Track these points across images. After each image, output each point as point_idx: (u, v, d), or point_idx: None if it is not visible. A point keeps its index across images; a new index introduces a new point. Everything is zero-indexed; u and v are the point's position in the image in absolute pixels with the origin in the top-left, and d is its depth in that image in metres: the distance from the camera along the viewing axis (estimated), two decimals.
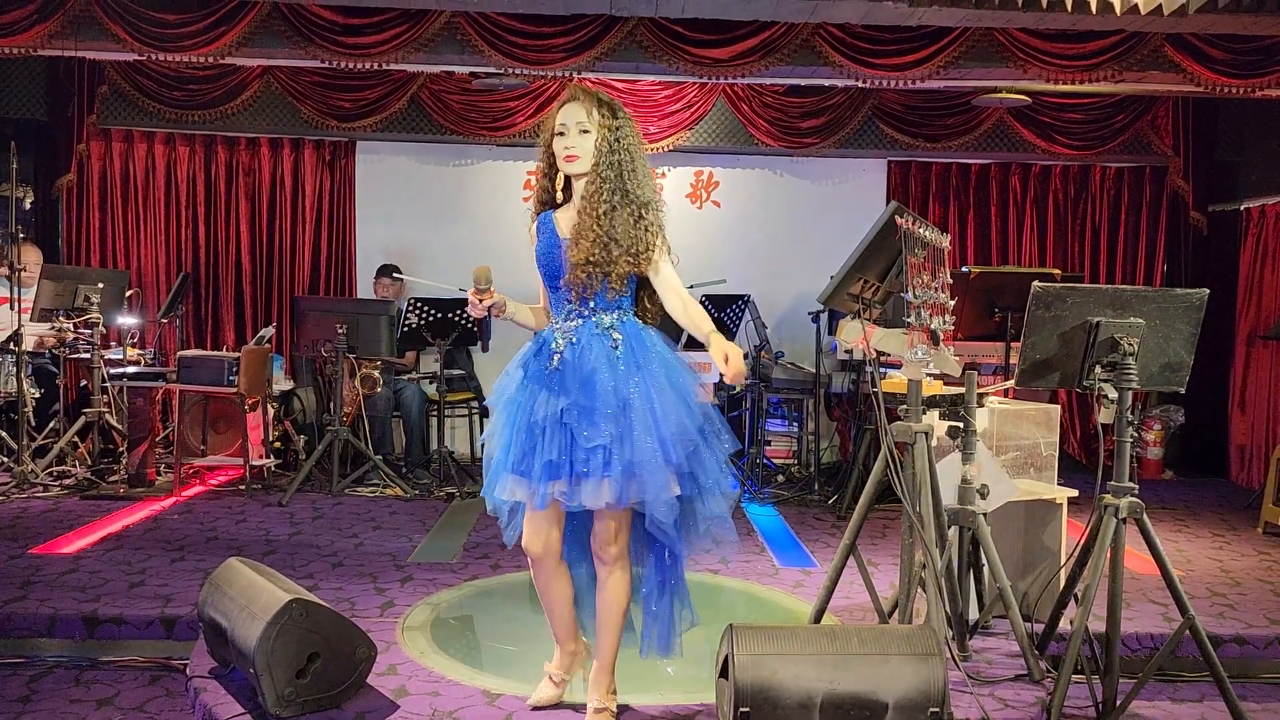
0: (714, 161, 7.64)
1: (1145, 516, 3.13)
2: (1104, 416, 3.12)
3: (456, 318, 6.20)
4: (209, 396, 6.01)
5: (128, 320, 6.58)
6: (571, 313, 2.86)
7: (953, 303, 3.36)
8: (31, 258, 6.35)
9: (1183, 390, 3.28)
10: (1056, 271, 7.05)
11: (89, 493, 5.73)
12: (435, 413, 6.44)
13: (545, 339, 2.89)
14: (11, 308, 5.93)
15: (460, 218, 7.56)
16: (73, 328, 6.00)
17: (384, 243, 7.49)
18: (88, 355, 6.03)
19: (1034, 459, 4.11)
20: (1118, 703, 3.17)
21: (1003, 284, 5.56)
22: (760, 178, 7.70)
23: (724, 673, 2.82)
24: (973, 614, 3.69)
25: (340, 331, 5.91)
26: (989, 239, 7.71)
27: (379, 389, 6.43)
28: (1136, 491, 3.13)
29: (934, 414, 3.64)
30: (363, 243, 7.54)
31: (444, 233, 7.55)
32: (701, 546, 2.94)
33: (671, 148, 7.31)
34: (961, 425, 3.54)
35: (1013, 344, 5.53)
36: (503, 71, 5.99)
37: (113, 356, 6.32)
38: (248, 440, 5.90)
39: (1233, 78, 5.65)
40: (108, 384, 6.10)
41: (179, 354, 6.09)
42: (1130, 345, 3.08)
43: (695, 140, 7.39)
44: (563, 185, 2.95)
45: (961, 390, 3.61)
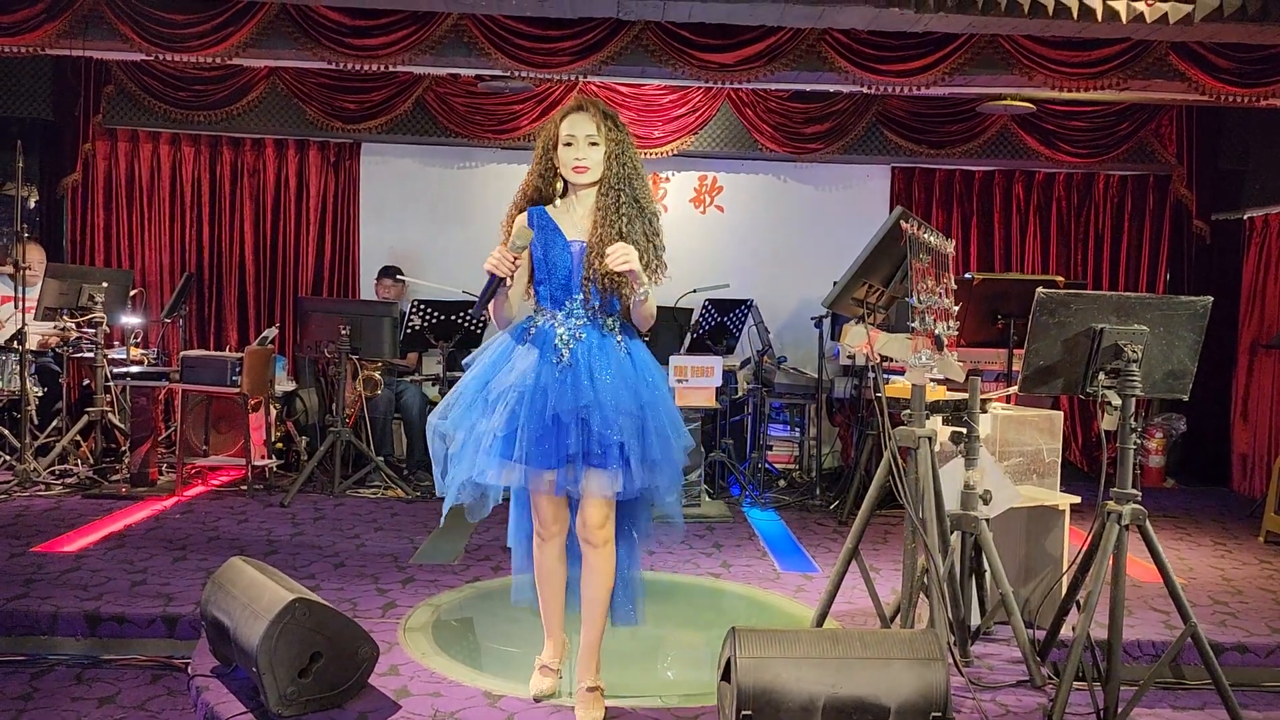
0: (718, 166, 7.65)
1: (1148, 523, 3.14)
2: (1107, 423, 3.12)
3: (459, 320, 6.20)
4: (212, 396, 6.02)
5: (131, 320, 6.59)
6: (576, 312, 2.96)
7: (957, 308, 3.36)
8: (36, 256, 6.36)
9: (1186, 398, 3.28)
10: (1059, 279, 7.03)
11: (91, 492, 5.73)
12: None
13: (547, 336, 2.96)
14: (15, 306, 5.94)
15: (464, 220, 7.57)
16: (76, 327, 6.01)
17: (388, 244, 7.50)
18: (91, 354, 6.04)
19: (1037, 465, 4.10)
20: (1119, 710, 3.16)
21: (1006, 291, 5.57)
22: (764, 183, 7.71)
23: (726, 676, 2.82)
24: (974, 620, 3.69)
25: (343, 333, 5.91)
26: (992, 246, 7.72)
27: (379, 391, 6.43)
28: (1139, 498, 3.13)
29: (937, 419, 3.64)
30: (366, 244, 7.55)
31: (448, 235, 7.56)
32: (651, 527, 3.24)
33: (675, 152, 7.32)
34: (964, 431, 3.54)
35: (1015, 351, 5.54)
36: (508, 74, 6.00)
37: (116, 356, 6.33)
38: (250, 440, 5.91)
39: (1238, 86, 5.65)
40: (111, 383, 6.10)
41: (182, 354, 6.10)
42: (1134, 352, 3.09)
43: (699, 145, 7.41)
44: (561, 191, 3.05)
45: (965, 396, 3.61)
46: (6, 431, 6.19)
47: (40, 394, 6.23)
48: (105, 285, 6.05)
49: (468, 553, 4.79)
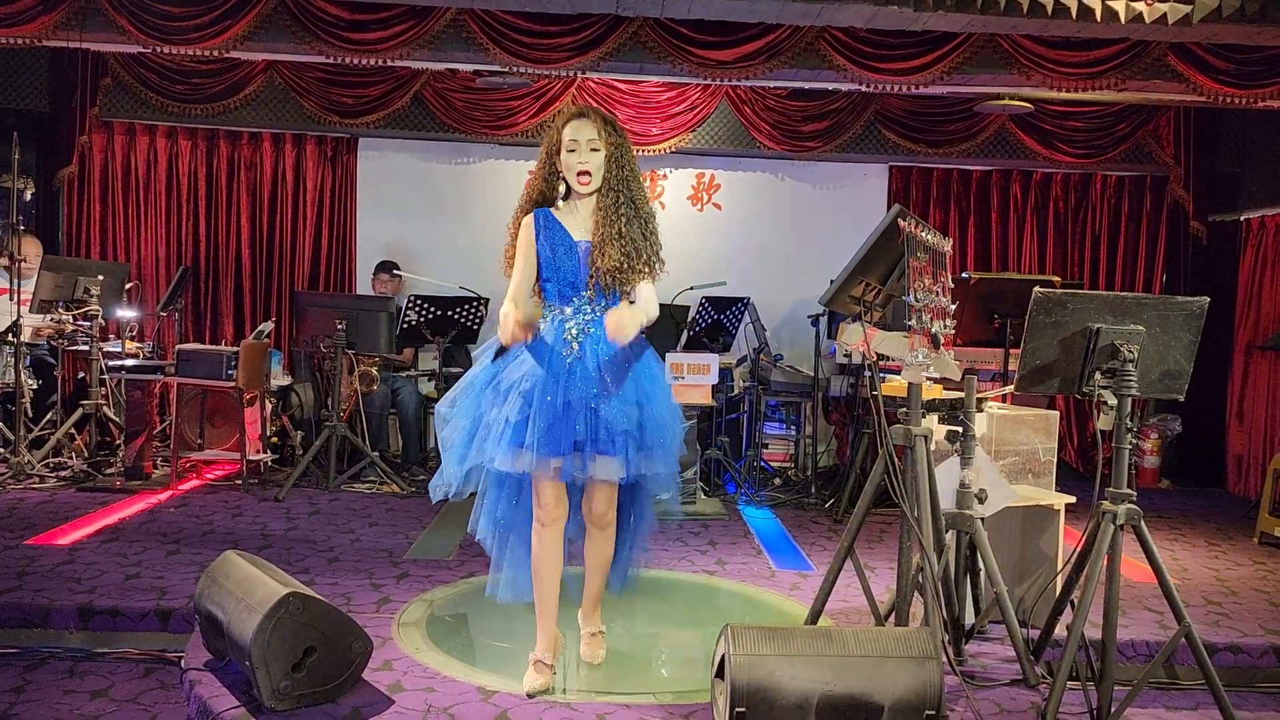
0: (716, 164, 7.64)
1: (1143, 523, 3.14)
2: (1103, 423, 3.12)
3: (456, 315, 6.20)
4: (207, 390, 6.01)
5: (127, 313, 6.57)
6: (584, 309, 3.16)
7: (954, 307, 3.36)
8: (31, 249, 6.34)
9: (1182, 398, 3.29)
10: (1056, 279, 7.05)
11: (85, 485, 5.72)
12: (433, 410, 6.43)
13: (556, 330, 3.14)
14: (11, 299, 5.92)
15: (461, 216, 7.56)
16: (71, 319, 6.00)
17: (384, 239, 7.49)
18: (86, 347, 6.03)
19: (1032, 465, 4.11)
20: (1113, 709, 3.17)
21: (1002, 290, 5.58)
22: (761, 181, 7.70)
23: (720, 673, 2.82)
24: (969, 618, 3.69)
25: (339, 327, 5.90)
26: (989, 245, 7.72)
27: (376, 386, 6.43)
28: (1134, 498, 3.14)
29: (933, 418, 3.64)
30: (363, 239, 7.53)
31: (445, 230, 7.55)
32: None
33: (673, 149, 7.32)
34: (960, 430, 3.54)
35: (1012, 350, 5.54)
36: (507, 70, 6.00)
37: (111, 349, 6.31)
38: (245, 435, 5.90)
39: (1235, 88, 5.66)
40: (106, 376, 6.09)
41: (177, 347, 6.08)
42: (1130, 352, 3.09)
43: (697, 142, 7.40)
44: (564, 193, 3.22)
45: (961, 395, 3.61)
46: (1, 424, 6.17)
47: (35, 387, 6.21)
48: (101, 278, 6.03)
49: (462, 548, 4.78)
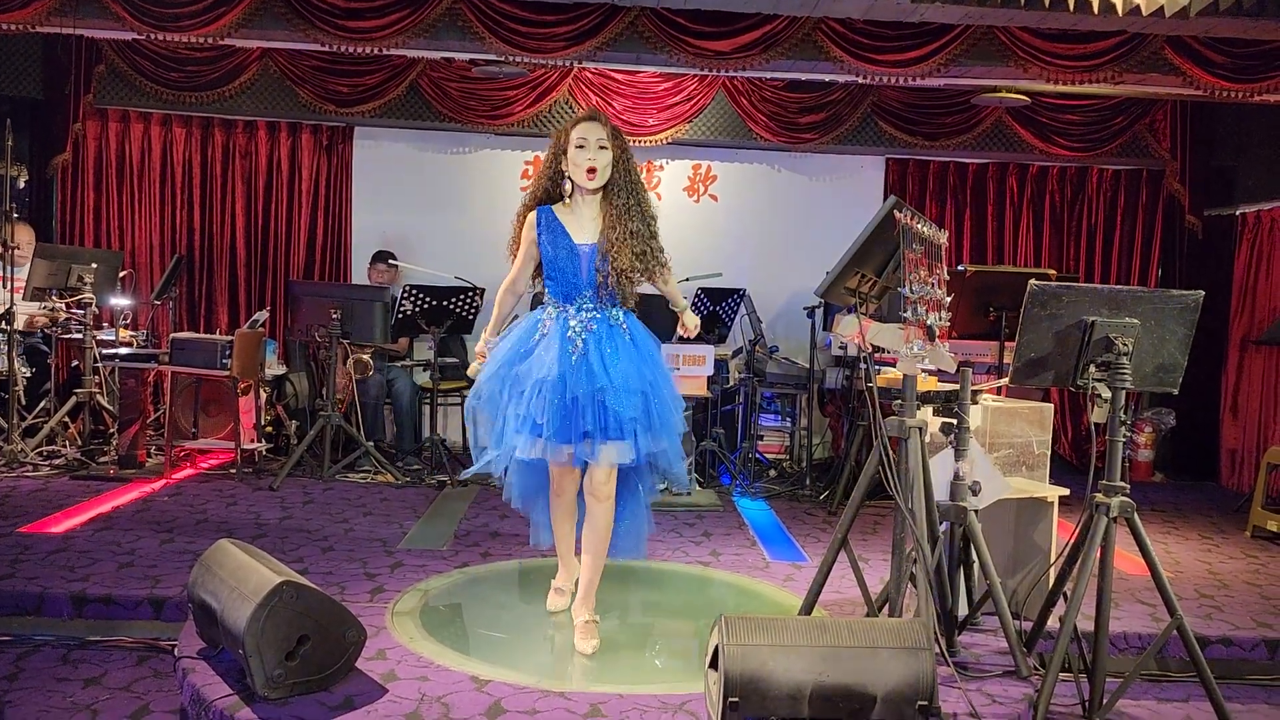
0: (712, 155, 7.63)
1: (1136, 516, 3.14)
2: (1097, 416, 3.12)
3: (451, 305, 6.19)
4: (201, 379, 5.99)
5: (120, 301, 6.55)
6: (587, 306, 3.38)
7: (949, 299, 3.36)
8: (24, 237, 6.32)
9: (1176, 391, 3.29)
10: (1052, 272, 7.05)
11: (79, 473, 5.71)
12: (428, 400, 6.43)
13: (561, 328, 3.36)
14: (3, 286, 5.90)
15: (457, 206, 7.54)
16: (65, 307, 5.98)
17: (380, 229, 7.47)
18: (80, 335, 6.01)
19: (1026, 457, 4.12)
20: (1104, 701, 3.18)
21: (998, 283, 5.57)
22: (758, 172, 7.69)
23: (714, 663, 2.83)
24: (962, 610, 3.70)
25: (334, 317, 5.89)
26: (985, 238, 7.72)
27: (370, 372, 6.42)
28: (1128, 491, 3.14)
29: (928, 410, 3.65)
30: (359, 228, 7.51)
31: (441, 220, 7.53)
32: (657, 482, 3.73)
33: (670, 140, 7.30)
34: (955, 422, 3.55)
35: (1007, 343, 5.54)
36: (503, 59, 5.97)
37: (105, 337, 6.29)
38: (239, 424, 5.89)
39: (1232, 82, 5.66)
40: (99, 365, 6.07)
41: (171, 336, 6.07)
42: (1125, 345, 3.09)
43: (694, 133, 7.38)
44: (569, 191, 3.41)
45: (955, 387, 3.61)
46: None
47: (28, 375, 6.19)
48: (95, 266, 6.01)
49: (456, 539, 4.78)
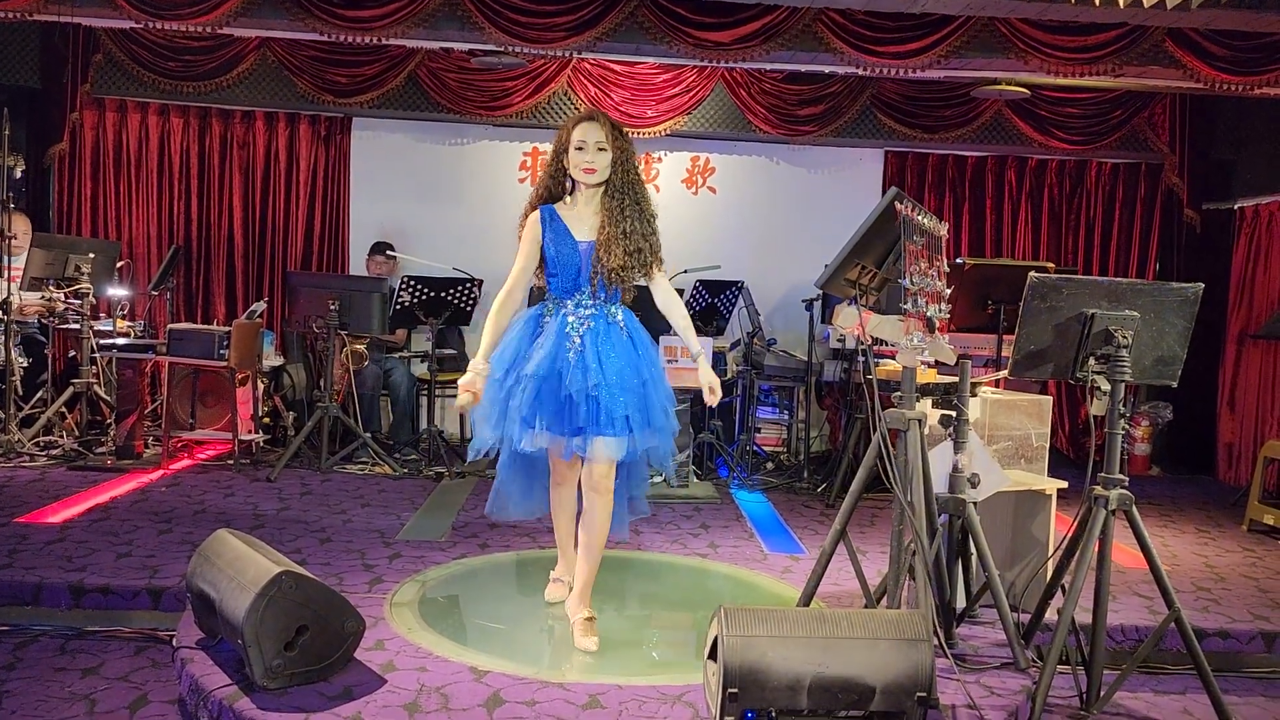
0: (711, 147, 7.62)
1: (1134, 509, 3.15)
2: (1096, 408, 3.12)
3: (449, 297, 6.18)
4: (199, 370, 5.98)
5: (118, 291, 6.53)
6: (585, 304, 3.41)
7: (949, 291, 3.36)
8: (21, 226, 6.30)
9: (1175, 384, 3.29)
10: (1050, 265, 7.04)
11: (76, 463, 5.69)
12: (425, 392, 6.42)
13: (560, 324, 3.38)
14: (0, 276, 5.88)
15: (455, 197, 7.53)
16: (63, 297, 5.96)
17: (378, 219, 7.46)
18: (77, 326, 5.99)
19: (1024, 450, 4.12)
20: (1101, 693, 3.19)
21: (997, 276, 5.55)
22: (757, 165, 7.68)
23: (713, 654, 2.83)
24: (960, 602, 3.70)
25: (332, 308, 5.88)
26: (984, 231, 7.72)
27: (366, 362, 6.41)
28: (1126, 484, 3.14)
29: (927, 402, 3.64)
30: (357, 219, 7.49)
31: (439, 211, 7.52)
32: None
33: (668, 132, 7.29)
34: (954, 414, 3.55)
35: (1005, 336, 5.53)
36: (502, 50, 5.95)
37: (102, 328, 6.28)
38: (237, 415, 5.88)
39: (1232, 75, 5.65)
40: (96, 355, 6.06)
41: (169, 326, 6.05)
42: (1124, 338, 3.09)
43: (693, 125, 7.37)
44: (570, 188, 3.46)
45: (955, 379, 3.61)
46: None
47: (25, 365, 6.18)
48: (92, 256, 6.00)
49: (455, 530, 4.78)
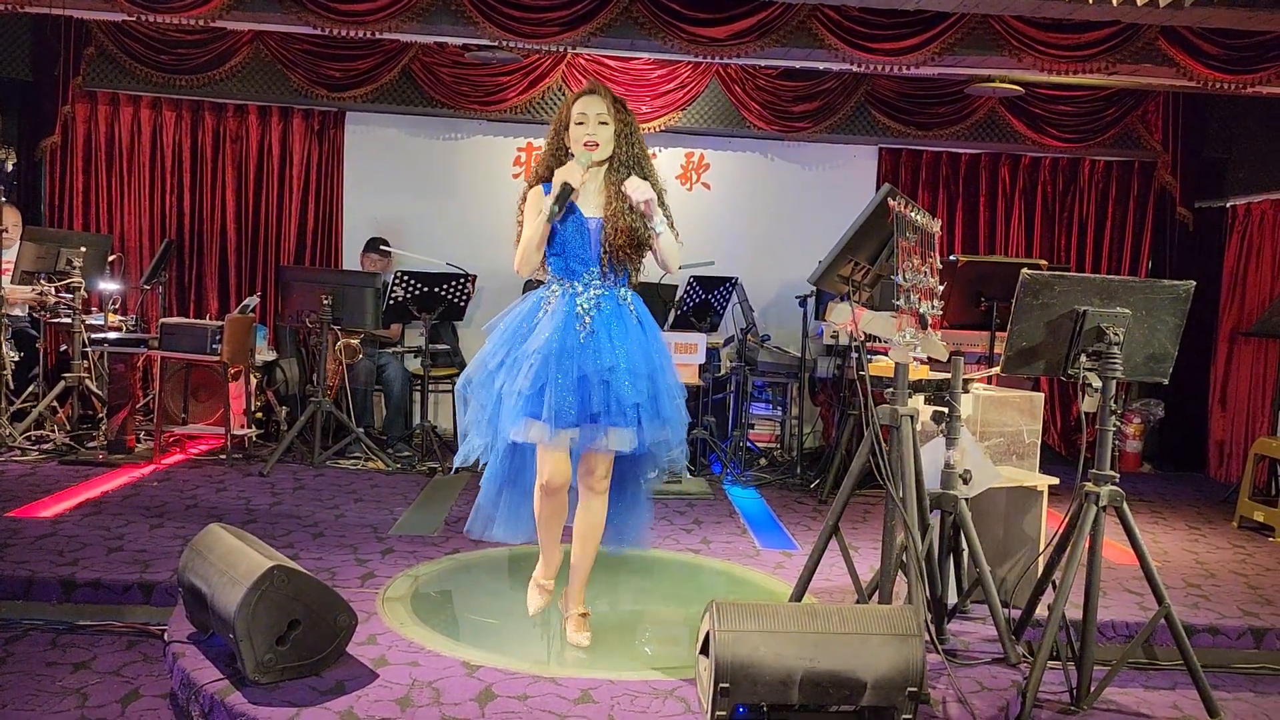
0: (705, 143, 7.62)
1: (1125, 505, 3.16)
2: (1088, 405, 3.13)
3: (443, 292, 6.17)
4: (191, 364, 5.97)
5: (110, 285, 6.51)
6: (593, 284, 3.22)
7: (942, 288, 3.37)
8: (12, 219, 6.27)
9: (1166, 381, 3.31)
10: (1043, 262, 7.06)
11: (67, 458, 5.68)
12: (419, 387, 6.42)
13: (568, 305, 3.18)
14: None
15: (449, 192, 7.51)
16: (54, 291, 5.94)
17: (372, 214, 7.44)
18: (68, 319, 5.97)
19: (1016, 446, 4.13)
20: (1092, 688, 3.20)
21: (990, 273, 5.58)
22: (751, 161, 7.68)
23: (705, 649, 2.83)
24: (951, 598, 3.71)
25: (325, 303, 5.87)
26: (977, 229, 7.73)
27: (359, 357, 6.40)
28: (1117, 480, 3.16)
29: (919, 398, 3.65)
30: (350, 214, 7.48)
31: (433, 206, 7.50)
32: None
33: (663, 128, 7.28)
34: (946, 410, 3.55)
35: (998, 333, 5.56)
36: (496, 44, 5.94)
37: (94, 322, 6.26)
38: (229, 409, 5.86)
39: (1225, 73, 5.66)
40: (88, 349, 6.04)
41: (161, 321, 6.03)
42: (1116, 335, 3.10)
43: (687, 121, 7.37)
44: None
45: (947, 376, 3.62)
46: None
47: (16, 359, 6.15)
48: (84, 250, 5.98)
49: (447, 525, 4.78)
